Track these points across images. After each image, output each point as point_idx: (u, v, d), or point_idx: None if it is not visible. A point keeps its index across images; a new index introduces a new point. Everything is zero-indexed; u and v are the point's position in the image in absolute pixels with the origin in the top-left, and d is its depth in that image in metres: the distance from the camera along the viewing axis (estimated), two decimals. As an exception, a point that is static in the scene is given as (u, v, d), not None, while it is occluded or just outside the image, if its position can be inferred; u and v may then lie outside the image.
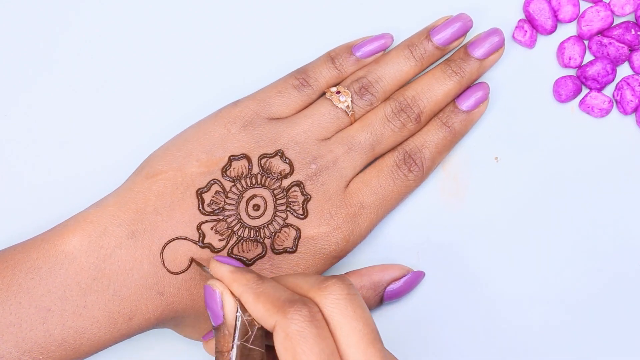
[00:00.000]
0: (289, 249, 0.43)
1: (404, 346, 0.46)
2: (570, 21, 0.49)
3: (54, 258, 0.41)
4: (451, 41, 0.47)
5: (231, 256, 0.43)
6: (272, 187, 0.44)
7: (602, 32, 0.49)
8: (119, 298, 0.41)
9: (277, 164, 0.44)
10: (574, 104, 0.49)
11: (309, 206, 0.44)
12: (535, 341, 0.47)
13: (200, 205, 0.43)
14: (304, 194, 0.44)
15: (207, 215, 0.43)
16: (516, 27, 0.49)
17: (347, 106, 0.45)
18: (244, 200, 0.43)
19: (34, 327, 0.40)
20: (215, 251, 0.42)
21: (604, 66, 0.48)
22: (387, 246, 0.47)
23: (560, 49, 0.49)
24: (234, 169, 0.43)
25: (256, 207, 0.43)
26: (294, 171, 0.44)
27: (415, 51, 0.47)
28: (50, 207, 0.47)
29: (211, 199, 0.43)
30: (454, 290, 0.47)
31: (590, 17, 0.48)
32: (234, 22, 0.49)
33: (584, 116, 0.49)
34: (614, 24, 0.49)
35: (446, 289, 0.47)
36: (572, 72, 0.49)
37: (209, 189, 0.43)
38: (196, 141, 0.44)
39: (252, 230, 0.43)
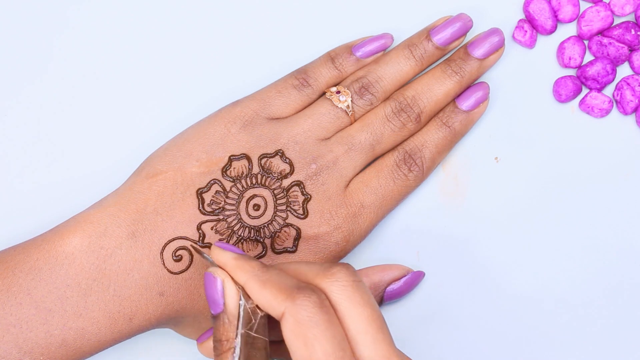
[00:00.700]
0: (289, 249, 0.43)
1: (404, 346, 0.46)
2: (570, 21, 0.49)
3: (55, 258, 0.41)
4: (451, 41, 0.47)
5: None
6: (272, 187, 0.44)
7: (602, 32, 0.49)
8: (119, 298, 0.41)
9: (277, 164, 0.44)
10: (574, 104, 0.49)
11: (309, 206, 0.44)
12: (536, 341, 0.47)
13: (201, 205, 0.43)
14: (304, 193, 0.44)
15: (207, 215, 0.43)
16: (516, 27, 0.49)
17: (347, 106, 0.45)
18: (244, 200, 0.43)
19: (34, 328, 0.40)
20: (215, 251, 0.42)
21: (604, 66, 0.48)
22: (387, 246, 0.47)
23: (560, 49, 0.49)
24: (234, 168, 0.43)
25: (256, 207, 0.43)
26: (294, 171, 0.44)
27: (415, 51, 0.47)
28: (50, 207, 0.47)
29: (211, 199, 0.43)
30: (454, 290, 0.47)
31: (590, 17, 0.48)
32: (234, 22, 0.49)
33: (584, 116, 0.49)
34: (614, 24, 0.49)
35: (446, 289, 0.47)
36: (572, 72, 0.49)
37: (209, 188, 0.43)
38: (196, 141, 0.44)
39: (252, 230, 0.43)
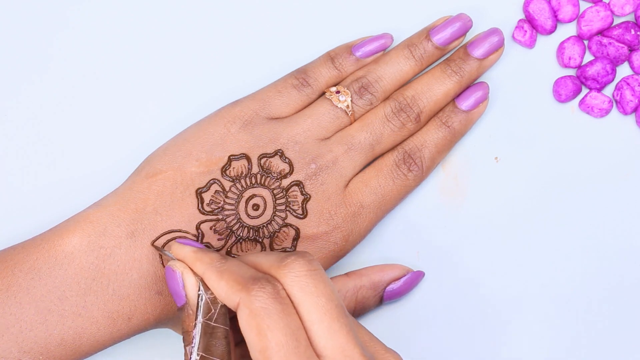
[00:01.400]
0: (288, 249, 0.43)
1: (404, 346, 0.46)
2: (570, 21, 0.49)
3: (54, 258, 0.41)
4: (451, 41, 0.47)
5: (230, 256, 0.43)
6: (272, 187, 0.44)
7: (602, 32, 0.49)
8: (118, 298, 0.41)
9: (277, 164, 0.44)
10: (574, 104, 0.49)
11: (308, 206, 0.44)
12: (536, 341, 0.47)
13: (200, 204, 0.43)
14: (304, 193, 0.44)
15: (207, 214, 0.43)
16: (516, 27, 0.49)
17: (347, 106, 0.45)
18: (243, 200, 0.43)
19: (33, 328, 0.40)
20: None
21: (603, 66, 0.48)
22: (387, 246, 0.47)
23: (560, 49, 0.49)
24: (233, 168, 0.43)
25: (255, 206, 0.43)
26: (293, 171, 0.44)
27: (415, 51, 0.47)
28: (50, 207, 0.47)
29: (211, 199, 0.43)
30: (453, 290, 0.47)
31: (590, 17, 0.48)
32: (234, 22, 0.49)
33: (584, 116, 0.49)
34: (614, 24, 0.49)
35: (446, 289, 0.47)
36: (572, 72, 0.49)
37: (209, 188, 0.43)
38: (196, 141, 0.44)
39: (251, 230, 0.43)
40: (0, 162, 0.47)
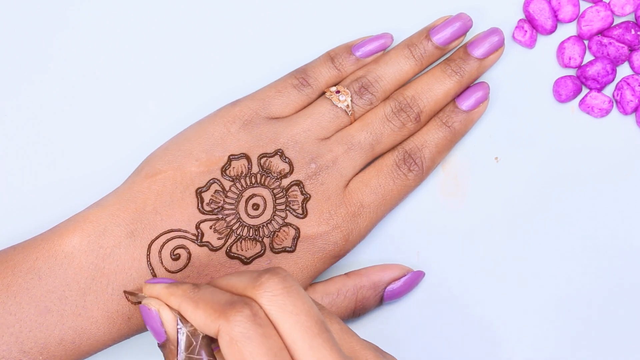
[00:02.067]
0: (287, 249, 0.43)
1: (404, 346, 0.46)
2: (570, 21, 0.49)
3: (54, 258, 0.41)
4: (451, 41, 0.47)
5: (229, 254, 0.43)
6: (272, 187, 0.44)
7: (602, 32, 0.49)
8: (118, 298, 0.41)
9: (277, 164, 0.44)
10: (574, 104, 0.49)
11: (308, 205, 0.44)
12: (536, 341, 0.47)
13: (200, 204, 0.43)
14: (304, 193, 0.44)
15: (207, 214, 0.43)
16: (516, 27, 0.49)
17: (347, 105, 0.45)
18: (243, 199, 0.43)
19: (33, 328, 0.40)
20: (214, 249, 0.42)
21: (604, 66, 0.48)
22: (387, 246, 0.47)
23: (560, 49, 0.49)
24: (233, 168, 0.43)
25: (255, 206, 0.43)
26: (293, 170, 0.44)
27: (415, 51, 0.47)
28: (50, 207, 0.47)
29: (210, 198, 0.43)
30: (453, 290, 0.47)
31: (590, 17, 0.48)
32: (234, 22, 0.49)
33: (584, 116, 0.49)
34: (614, 24, 0.49)
35: (446, 289, 0.47)
36: (572, 72, 0.49)
37: (209, 188, 0.43)
38: (196, 140, 0.44)
39: (251, 230, 0.43)
40: (0, 162, 0.47)
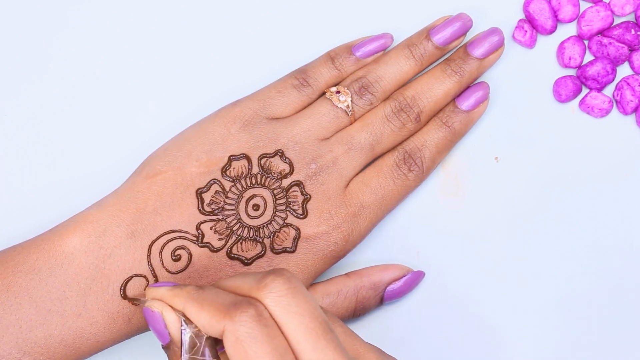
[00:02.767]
0: (288, 249, 0.43)
1: (404, 346, 0.46)
2: (570, 21, 0.49)
3: (54, 258, 0.41)
4: (451, 41, 0.47)
5: (230, 255, 0.43)
6: (272, 187, 0.44)
7: (602, 32, 0.49)
8: (118, 298, 0.41)
9: (277, 164, 0.44)
10: (574, 104, 0.49)
11: (308, 206, 0.44)
12: (536, 340, 0.47)
13: (200, 205, 0.43)
14: (304, 193, 0.44)
15: (207, 215, 0.43)
16: (516, 27, 0.49)
17: (347, 106, 0.45)
18: (243, 200, 0.43)
19: (33, 328, 0.40)
20: (214, 250, 0.42)
21: (604, 66, 0.48)
22: (387, 246, 0.47)
23: (560, 49, 0.49)
24: (233, 168, 0.43)
25: (256, 207, 0.43)
26: (293, 171, 0.44)
27: (415, 51, 0.47)
28: (50, 207, 0.47)
29: (211, 199, 0.43)
30: (453, 290, 0.47)
31: (590, 17, 0.48)
32: (234, 22, 0.49)
33: (584, 116, 0.49)
34: (614, 24, 0.49)
35: (446, 289, 0.47)
36: (572, 72, 0.49)
37: (209, 188, 0.43)
38: (196, 141, 0.44)
39: (251, 230, 0.43)
40: (0, 162, 0.47)
